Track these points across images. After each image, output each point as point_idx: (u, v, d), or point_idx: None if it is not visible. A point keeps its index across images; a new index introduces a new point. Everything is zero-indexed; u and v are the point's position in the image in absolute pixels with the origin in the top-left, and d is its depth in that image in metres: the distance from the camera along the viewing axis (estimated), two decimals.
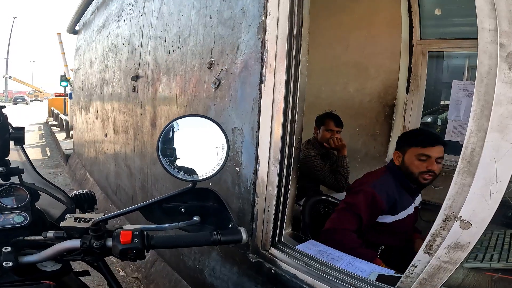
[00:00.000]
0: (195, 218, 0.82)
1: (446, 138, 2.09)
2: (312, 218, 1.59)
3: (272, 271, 1.12)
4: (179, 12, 1.77)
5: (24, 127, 0.85)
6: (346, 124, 2.07)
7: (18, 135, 0.84)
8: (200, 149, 0.72)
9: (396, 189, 1.28)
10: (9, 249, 0.70)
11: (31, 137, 8.70)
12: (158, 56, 1.92)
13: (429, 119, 2.51)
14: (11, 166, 0.83)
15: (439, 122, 2.49)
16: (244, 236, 0.75)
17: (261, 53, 1.12)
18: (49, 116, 13.91)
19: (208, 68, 1.37)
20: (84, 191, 1.00)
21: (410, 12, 2.33)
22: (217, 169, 0.71)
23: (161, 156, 0.68)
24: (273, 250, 1.14)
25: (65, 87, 11.11)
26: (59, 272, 0.78)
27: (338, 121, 2.01)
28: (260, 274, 1.18)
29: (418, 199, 1.40)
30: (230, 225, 0.80)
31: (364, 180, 1.36)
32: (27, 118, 14.45)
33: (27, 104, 36.51)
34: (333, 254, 1.13)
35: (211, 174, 0.71)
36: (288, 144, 1.09)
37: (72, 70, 6.95)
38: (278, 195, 1.11)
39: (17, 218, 0.78)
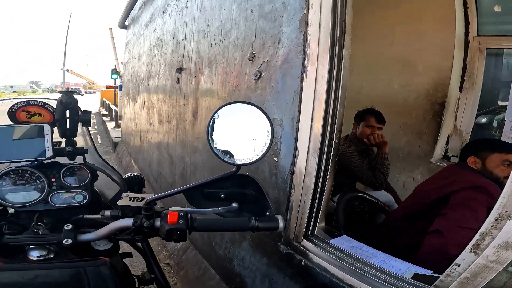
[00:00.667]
0: (233, 205, 0.84)
1: (503, 139, 1.91)
2: (346, 215, 1.57)
3: (302, 263, 1.12)
4: (221, 6, 1.81)
5: (91, 111, 0.92)
6: (388, 121, 1.99)
7: (86, 118, 0.91)
8: (245, 135, 0.73)
9: None
10: (70, 226, 0.73)
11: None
12: (200, 49, 2.00)
13: (483, 120, 2.31)
14: (77, 146, 0.90)
15: (495, 123, 2.28)
16: (281, 224, 0.76)
17: (303, 46, 1.12)
18: (101, 106, 15.07)
19: (249, 60, 1.40)
20: (135, 174, 1.07)
21: (466, 8, 2.17)
22: (261, 154, 0.71)
23: (210, 140, 0.70)
24: (305, 242, 1.15)
25: (115, 79, 11.85)
26: (110, 251, 0.81)
27: (380, 117, 1.94)
28: (290, 266, 1.19)
29: None
30: (268, 213, 0.81)
31: (473, 178, 1.28)
32: (82, 108, 15.83)
33: (81, 95, 40.02)
34: (366, 250, 1.10)
35: (255, 159, 0.72)
36: (328, 136, 1.08)
37: (122, 63, 7.46)
38: (315, 187, 1.10)
39: (77, 197, 0.84)
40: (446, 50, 2.20)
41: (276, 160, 1.23)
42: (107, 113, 11.54)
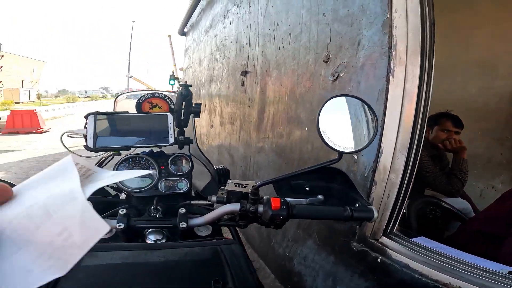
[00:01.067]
0: (319, 197, 0.87)
1: None
2: (417, 219, 1.50)
3: (378, 260, 1.12)
4: (287, 11, 1.87)
5: (201, 103, 1.01)
6: (466, 127, 1.86)
7: (197, 110, 0.97)
8: (347, 125, 0.76)
9: None
10: (183, 210, 0.78)
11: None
12: (267, 53, 2.07)
13: None
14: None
15: None
16: (375, 214, 0.77)
17: (388, 47, 1.13)
18: None
19: (325, 62, 1.43)
20: (222, 166, 1.15)
21: None
22: (366, 143, 0.73)
23: (320, 129, 0.72)
24: (384, 239, 1.15)
25: (172, 85, 12.51)
26: (210, 236, 0.87)
27: (457, 121, 1.83)
28: (361, 263, 1.18)
29: None
30: (357, 205, 0.82)
31: None
32: None
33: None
34: (450, 251, 1.06)
35: (359, 147, 0.73)
36: (418, 134, 1.08)
37: (181, 69, 7.96)
38: (401, 184, 1.10)
39: (179, 185, 0.90)
40: None
41: (356, 157, 1.24)
42: None
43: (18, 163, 5.82)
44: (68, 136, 0.90)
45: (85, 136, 0.87)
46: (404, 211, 1.52)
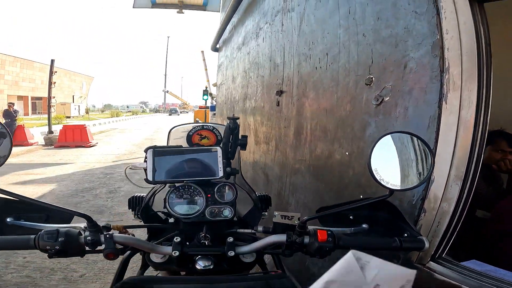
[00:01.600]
0: (363, 226, 0.88)
1: None
2: (471, 241, 1.43)
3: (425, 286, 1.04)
4: (323, 30, 1.85)
5: (247, 136, 1.05)
6: None
7: (244, 142, 1.02)
8: (400, 162, 0.77)
9: None
10: (231, 239, 0.82)
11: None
12: (303, 72, 2.06)
13: None
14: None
15: None
16: (426, 244, 0.78)
17: (440, 71, 1.06)
18: None
19: (367, 84, 1.38)
20: (263, 193, 1.16)
21: None
22: (419, 181, 0.74)
23: (372, 167, 0.74)
24: (432, 264, 1.08)
25: (206, 100, 12.94)
26: (254, 264, 0.89)
27: None
28: None
29: None
30: (406, 234, 0.83)
31: None
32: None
33: (177, 115, 46.07)
34: (504, 273, 0.98)
35: (411, 185, 0.75)
36: (474, 165, 1.02)
37: (214, 85, 8.27)
38: (454, 213, 1.04)
39: (225, 212, 0.93)
40: None
41: None
42: None
43: (70, 175, 6.37)
44: (130, 168, 0.99)
45: (145, 170, 0.94)
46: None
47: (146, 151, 0.95)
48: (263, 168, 2.68)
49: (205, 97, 12.19)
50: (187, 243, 0.86)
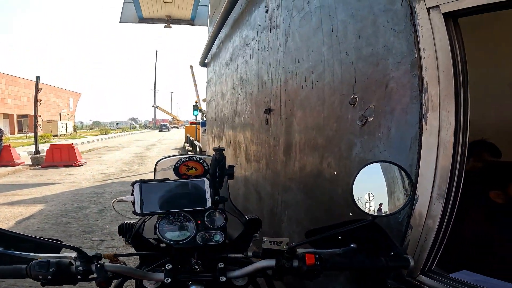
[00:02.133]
0: (352, 245, 0.91)
1: None
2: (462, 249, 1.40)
3: None
4: (308, 47, 1.87)
5: (234, 166, 1.08)
6: (506, 154, 1.73)
7: (231, 172, 1.06)
8: (382, 189, 0.82)
9: None
10: (222, 265, 0.86)
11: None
12: (290, 91, 2.08)
13: None
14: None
15: None
16: (411, 262, 0.82)
17: (419, 90, 1.08)
18: (185, 141, 16.63)
19: (351, 104, 1.40)
20: (253, 216, 1.18)
21: None
22: (400, 207, 0.79)
23: (354, 196, 0.79)
24: (422, 278, 1.09)
25: (196, 115, 12.99)
26: (246, 285, 0.93)
27: (493, 149, 1.72)
28: None
29: None
30: (392, 253, 0.87)
31: None
32: (171, 144, 18.17)
33: (168, 130, 45.86)
34: (495, 283, 1.01)
35: (393, 211, 0.80)
36: (456, 183, 1.03)
37: (203, 100, 8.30)
38: (439, 229, 1.06)
39: (215, 237, 0.95)
40: None
41: None
42: (191, 148, 12.68)
43: (58, 195, 6.21)
44: (118, 201, 1.01)
45: (132, 203, 0.96)
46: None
47: (132, 185, 0.97)
48: (255, 186, 2.67)
49: (196, 112, 12.24)
50: (179, 268, 0.89)
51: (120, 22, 10.02)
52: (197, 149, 9.38)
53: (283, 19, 2.24)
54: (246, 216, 1.16)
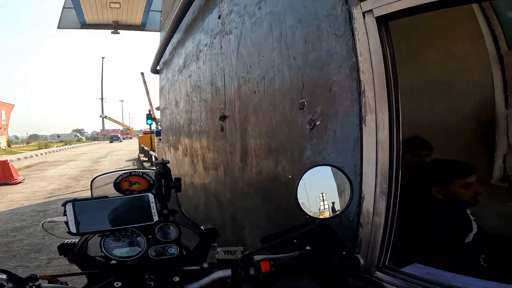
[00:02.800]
0: (307, 248, 0.93)
1: None
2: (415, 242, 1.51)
3: None
4: (259, 53, 1.90)
5: (180, 178, 1.06)
6: (437, 147, 1.93)
7: (178, 184, 1.03)
8: (326, 192, 0.86)
9: None
10: (177, 279, 0.84)
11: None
12: (243, 97, 2.09)
13: None
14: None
15: None
16: (361, 261, 0.87)
17: (358, 94, 1.16)
18: (140, 152, 15.65)
19: (300, 109, 1.46)
20: (209, 226, 1.16)
21: (489, 23, 2.14)
22: (342, 209, 0.84)
23: (299, 200, 0.83)
24: (378, 274, 1.15)
25: (150, 124, 12.43)
26: None
27: (426, 145, 1.90)
28: None
29: None
30: (344, 253, 0.90)
31: None
32: (124, 155, 17.05)
33: (120, 141, 42.91)
34: (444, 275, 1.09)
35: (336, 214, 0.84)
36: (394, 179, 1.11)
37: (157, 108, 7.92)
38: (385, 225, 1.13)
39: (170, 250, 0.93)
40: (483, 68, 2.17)
41: None
42: (146, 159, 12.00)
43: None
44: (48, 222, 0.94)
45: (66, 223, 0.90)
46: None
47: (64, 205, 0.92)
48: (215, 194, 2.63)
49: (149, 121, 11.73)
50: (131, 285, 0.85)
51: (58, 28, 9.16)
52: (153, 159, 8.98)
53: (235, 24, 2.23)
54: (202, 227, 1.14)
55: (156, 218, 0.95)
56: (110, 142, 43.01)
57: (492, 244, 1.51)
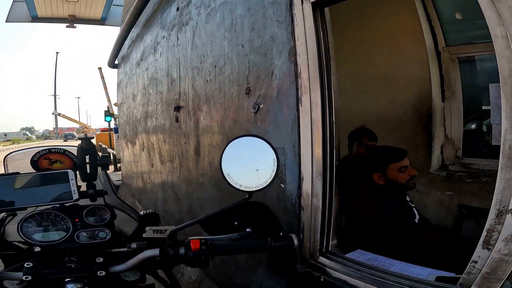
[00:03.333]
0: (247, 230, 0.93)
1: (493, 143, 1.99)
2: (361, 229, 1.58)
3: (322, 279, 1.14)
4: (212, 43, 1.91)
5: (108, 155, 1.01)
6: (383, 138, 2.06)
7: (105, 162, 0.99)
8: (253, 164, 0.85)
9: None
10: (101, 259, 0.81)
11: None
12: (196, 86, 2.08)
13: (473, 126, 2.40)
14: (97, 188, 0.97)
15: (484, 128, 2.36)
16: (295, 241, 0.88)
17: (295, 76, 1.21)
18: (98, 151, 14.72)
19: (246, 94, 1.48)
20: (150, 211, 1.13)
21: (429, 20, 2.31)
22: (270, 180, 0.83)
23: (224, 172, 0.81)
24: (322, 259, 1.18)
25: (109, 121, 11.77)
26: (138, 282, 0.90)
27: (371, 135, 2.04)
28: (309, 284, 1.20)
29: None
30: (281, 233, 0.91)
31: None
32: None
33: (76, 140, 40.07)
34: (383, 261, 1.14)
35: (264, 185, 0.83)
36: (329, 159, 1.15)
37: (115, 104, 7.55)
38: (323, 207, 1.16)
39: (101, 234, 0.89)
40: (423, 63, 2.32)
41: (283, 186, 1.27)
42: None
43: None
44: None
45: None
46: (343, 225, 1.60)
47: None
48: (172, 187, 2.57)
49: (108, 118, 11.13)
50: (50, 266, 0.82)
51: (6, 21, 8.42)
52: (112, 157, 8.53)
53: (192, 16, 2.23)
54: (143, 211, 1.11)
55: (76, 196, 0.90)
56: (65, 140, 40.35)
57: (431, 230, 1.62)
